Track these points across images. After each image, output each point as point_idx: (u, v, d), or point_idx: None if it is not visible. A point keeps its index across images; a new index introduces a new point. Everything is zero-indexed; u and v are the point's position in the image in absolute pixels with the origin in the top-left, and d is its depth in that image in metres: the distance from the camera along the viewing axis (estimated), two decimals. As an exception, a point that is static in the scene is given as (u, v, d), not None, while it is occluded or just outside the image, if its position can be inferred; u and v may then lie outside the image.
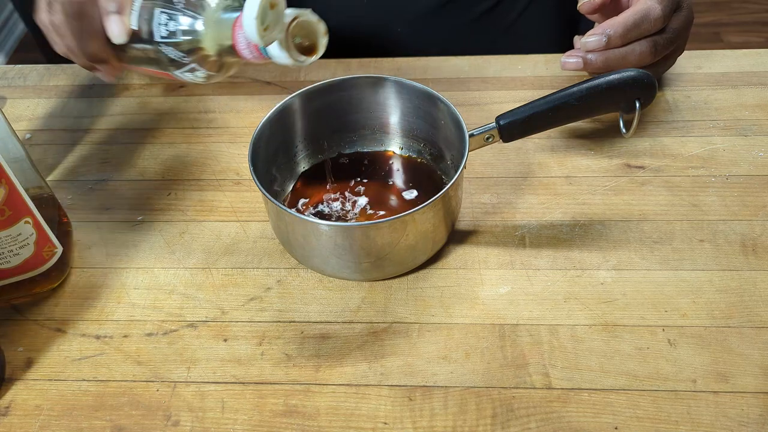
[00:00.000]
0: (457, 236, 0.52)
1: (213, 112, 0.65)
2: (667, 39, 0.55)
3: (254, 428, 0.42)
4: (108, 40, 0.49)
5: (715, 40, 1.89)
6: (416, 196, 0.54)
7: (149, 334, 0.47)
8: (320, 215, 0.53)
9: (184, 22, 0.45)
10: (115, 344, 0.47)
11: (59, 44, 0.51)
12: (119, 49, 0.49)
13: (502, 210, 0.54)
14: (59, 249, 0.48)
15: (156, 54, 0.47)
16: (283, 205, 0.49)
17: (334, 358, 0.45)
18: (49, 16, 0.49)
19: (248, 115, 0.64)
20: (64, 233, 0.51)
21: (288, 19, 0.44)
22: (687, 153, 0.57)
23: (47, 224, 0.46)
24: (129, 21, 0.47)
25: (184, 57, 0.46)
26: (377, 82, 0.54)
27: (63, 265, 0.50)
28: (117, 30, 0.47)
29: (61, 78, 0.70)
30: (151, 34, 0.47)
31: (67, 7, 0.48)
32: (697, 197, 0.54)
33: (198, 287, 0.50)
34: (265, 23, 0.42)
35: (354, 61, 0.69)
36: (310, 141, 0.56)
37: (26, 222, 0.45)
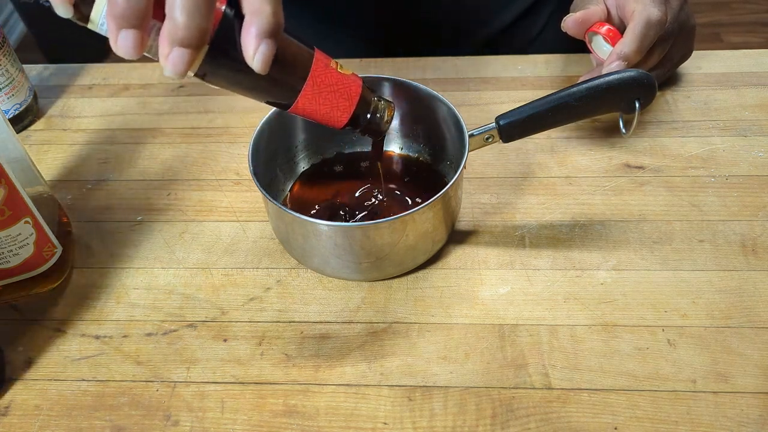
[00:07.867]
0: (457, 236, 0.52)
1: (213, 112, 0.65)
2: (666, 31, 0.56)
3: (254, 428, 0.42)
4: None
5: (715, 40, 1.89)
6: (416, 197, 0.54)
7: (149, 334, 0.47)
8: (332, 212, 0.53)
9: None
10: (114, 344, 0.47)
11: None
12: None
13: (502, 210, 0.54)
14: (59, 249, 0.48)
15: None
16: (283, 205, 0.49)
17: (334, 358, 0.45)
18: None
19: (248, 115, 0.64)
20: (64, 233, 0.51)
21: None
22: (687, 153, 0.57)
23: (47, 224, 0.46)
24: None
25: None
26: (377, 82, 0.53)
27: (63, 265, 0.50)
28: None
29: (61, 78, 0.70)
30: None
31: None
32: (696, 197, 0.54)
33: (198, 287, 0.50)
34: None
35: (354, 61, 0.69)
36: (310, 141, 0.56)
37: (26, 222, 0.45)
